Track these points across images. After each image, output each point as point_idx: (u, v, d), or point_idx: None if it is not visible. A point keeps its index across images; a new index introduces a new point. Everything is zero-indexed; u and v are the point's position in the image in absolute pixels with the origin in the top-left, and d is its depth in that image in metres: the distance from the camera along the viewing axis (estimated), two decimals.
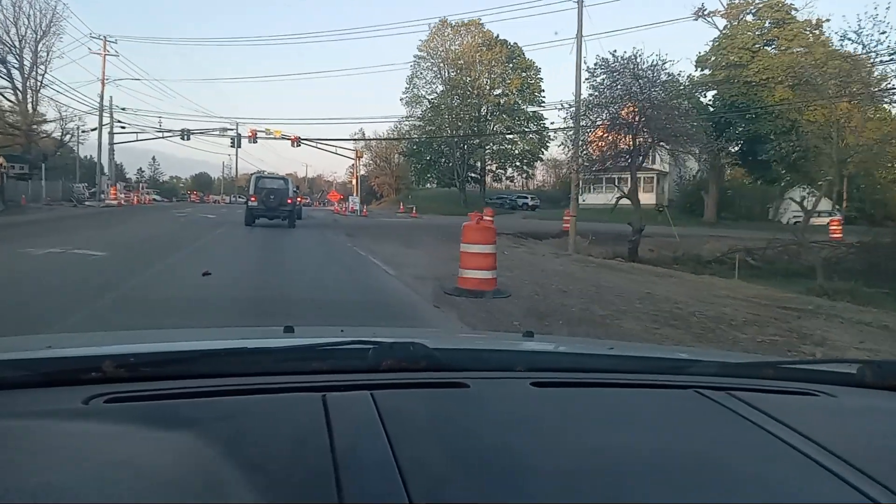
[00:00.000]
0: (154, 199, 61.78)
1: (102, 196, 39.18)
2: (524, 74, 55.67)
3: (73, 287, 7.29)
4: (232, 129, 48.75)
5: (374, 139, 63.97)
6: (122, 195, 42.39)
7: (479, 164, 57.89)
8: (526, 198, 58.73)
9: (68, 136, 46.67)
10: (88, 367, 1.01)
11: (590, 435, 0.94)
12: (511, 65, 55.21)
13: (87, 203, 38.03)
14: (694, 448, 0.93)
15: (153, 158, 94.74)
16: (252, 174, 25.73)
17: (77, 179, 46.74)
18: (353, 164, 54.40)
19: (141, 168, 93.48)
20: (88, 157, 71.17)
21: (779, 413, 1.02)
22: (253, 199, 22.19)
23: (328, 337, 1.37)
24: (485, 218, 8.14)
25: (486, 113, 56.35)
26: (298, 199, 27.07)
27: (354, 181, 51.15)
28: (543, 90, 55.29)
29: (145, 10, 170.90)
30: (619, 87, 17.98)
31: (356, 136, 62.54)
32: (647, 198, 46.34)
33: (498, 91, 55.82)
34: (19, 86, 37.75)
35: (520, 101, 55.71)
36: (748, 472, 0.85)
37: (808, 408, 1.14)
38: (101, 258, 10.18)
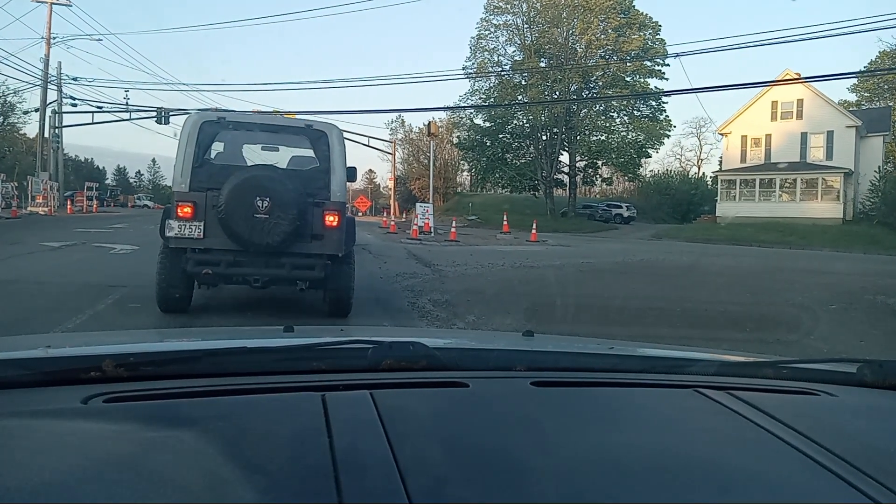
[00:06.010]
0: (146, 206, 55.88)
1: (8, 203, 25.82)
2: (635, 36, 38.67)
3: None
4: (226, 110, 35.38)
5: (434, 109, 48.83)
6: (52, 201, 29.76)
7: (567, 159, 41.84)
8: (620, 207, 44.42)
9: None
10: (88, 366, 1.01)
11: (590, 434, 0.94)
12: (618, 21, 37.85)
13: None
14: (694, 448, 0.93)
15: (153, 161, 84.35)
16: (186, 120, 6.06)
17: (12, 177, 34.20)
18: (388, 162, 39.72)
19: (140, 171, 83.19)
20: (76, 156, 60.58)
21: (779, 413, 1.02)
22: (183, 210, 5.51)
23: (328, 336, 1.36)
24: None
25: (581, 88, 39.67)
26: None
27: (391, 183, 36.70)
28: (668, 56, 37.22)
29: None
30: None
31: (395, 113, 48.21)
32: (824, 210, 30.94)
33: (596, 58, 38.69)
34: None
35: (623, 72, 39.49)
36: (748, 471, 0.85)
37: (808, 407, 1.14)
38: None
